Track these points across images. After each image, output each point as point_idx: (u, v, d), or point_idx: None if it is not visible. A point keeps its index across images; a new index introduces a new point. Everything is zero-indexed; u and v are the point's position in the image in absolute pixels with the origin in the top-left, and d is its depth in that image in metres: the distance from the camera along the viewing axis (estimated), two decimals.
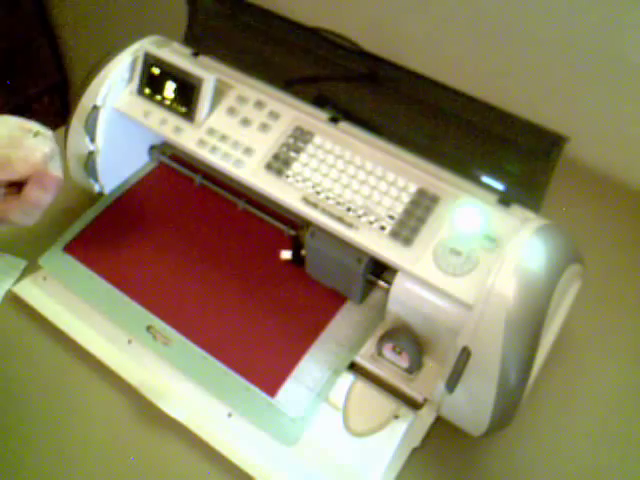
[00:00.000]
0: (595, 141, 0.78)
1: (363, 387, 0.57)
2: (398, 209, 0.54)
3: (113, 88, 0.64)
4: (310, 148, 0.58)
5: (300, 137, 0.59)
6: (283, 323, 0.60)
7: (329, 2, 0.92)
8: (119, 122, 0.65)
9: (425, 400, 0.55)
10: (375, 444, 0.54)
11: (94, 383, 0.59)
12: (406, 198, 0.54)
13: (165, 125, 0.62)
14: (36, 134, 0.51)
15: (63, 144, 0.68)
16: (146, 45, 0.64)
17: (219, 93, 0.62)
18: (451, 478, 0.55)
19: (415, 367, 0.55)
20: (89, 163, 0.67)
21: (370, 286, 0.61)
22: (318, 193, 0.56)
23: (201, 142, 0.61)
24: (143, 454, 0.55)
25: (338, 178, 0.56)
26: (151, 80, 0.63)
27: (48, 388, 0.59)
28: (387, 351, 0.56)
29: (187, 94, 0.61)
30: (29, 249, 0.67)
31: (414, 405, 0.56)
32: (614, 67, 0.74)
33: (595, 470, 0.56)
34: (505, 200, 0.53)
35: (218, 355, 0.58)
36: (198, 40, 0.70)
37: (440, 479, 0.55)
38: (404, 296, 0.54)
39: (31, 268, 0.66)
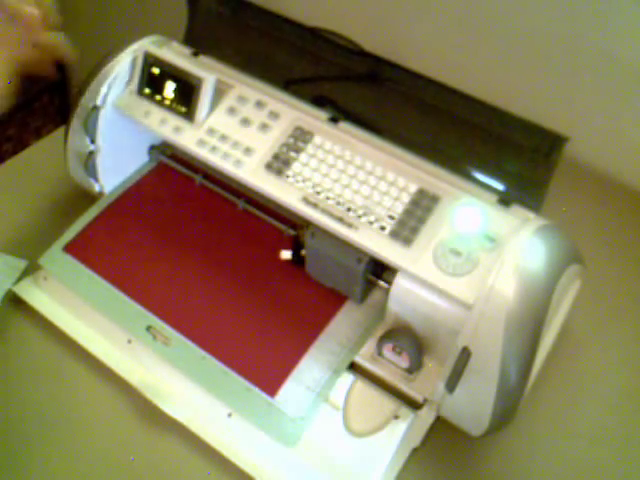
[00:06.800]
0: (595, 141, 0.78)
1: (363, 387, 0.57)
2: (398, 209, 0.54)
3: (113, 88, 0.64)
4: (310, 148, 0.58)
5: (300, 137, 0.59)
6: (283, 323, 0.60)
7: (329, 2, 0.92)
8: (119, 122, 0.65)
9: (425, 400, 0.55)
10: (375, 444, 0.54)
11: (94, 383, 0.59)
12: (406, 198, 0.54)
13: (165, 125, 0.62)
14: None
15: (63, 144, 0.68)
16: (146, 45, 0.64)
17: (219, 93, 0.62)
18: (451, 478, 0.55)
19: (415, 367, 0.55)
20: (89, 163, 0.67)
21: (370, 286, 0.61)
22: (318, 193, 0.56)
23: (201, 142, 0.61)
24: (143, 454, 0.55)
25: (338, 178, 0.56)
26: (151, 80, 0.63)
27: (48, 388, 0.59)
28: (387, 351, 0.56)
29: (187, 94, 0.61)
30: (29, 249, 0.67)
31: (414, 405, 0.56)
32: (614, 67, 0.74)
33: (595, 470, 0.56)
34: (505, 200, 0.53)
35: (218, 355, 0.58)
36: (198, 40, 0.70)
37: (440, 479, 0.55)
38: (404, 296, 0.54)
39: (31, 268, 0.66)
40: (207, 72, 0.61)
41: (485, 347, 0.47)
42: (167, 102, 0.63)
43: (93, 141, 0.66)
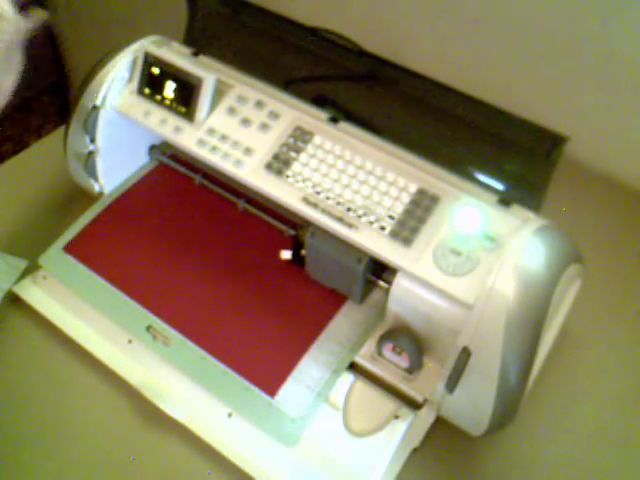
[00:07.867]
0: (595, 141, 0.78)
1: (363, 387, 0.57)
2: (398, 209, 0.54)
3: (113, 88, 0.64)
4: (310, 148, 0.58)
5: (300, 137, 0.59)
6: (283, 323, 0.60)
7: (329, 2, 0.92)
8: (119, 122, 0.65)
9: (425, 400, 0.55)
10: (375, 444, 0.54)
11: (94, 383, 0.59)
12: (406, 198, 0.54)
13: (165, 125, 0.62)
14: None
15: (63, 144, 0.68)
16: (146, 45, 0.64)
17: (219, 93, 0.62)
18: (451, 478, 0.55)
19: (415, 367, 0.55)
20: (89, 163, 0.67)
21: (370, 286, 0.61)
22: (318, 193, 0.56)
23: (201, 142, 0.61)
24: (143, 454, 0.55)
25: (338, 178, 0.56)
26: (151, 80, 0.63)
27: (48, 388, 0.59)
28: (387, 351, 0.56)
29: (187, 94, 0.61)
30: (29, 249, 0.67)
31: (414, 405, 0.56)
32: (614, 67, 0.74)
33: (595, 470, 0.56)
34: (505, 200, 0.53)
35: (218, 355, 0.58)
36: (198, 40, 0.70)
37: (440, 479, 0.55)
38: (404, 296, 0.54)
39: (31, 268, 0.66)
40: (207, 72, 0.61)
41: (485, 347, 0.47)
42: (167, 102, 0.63)
43: (93, 141, 0.66)
